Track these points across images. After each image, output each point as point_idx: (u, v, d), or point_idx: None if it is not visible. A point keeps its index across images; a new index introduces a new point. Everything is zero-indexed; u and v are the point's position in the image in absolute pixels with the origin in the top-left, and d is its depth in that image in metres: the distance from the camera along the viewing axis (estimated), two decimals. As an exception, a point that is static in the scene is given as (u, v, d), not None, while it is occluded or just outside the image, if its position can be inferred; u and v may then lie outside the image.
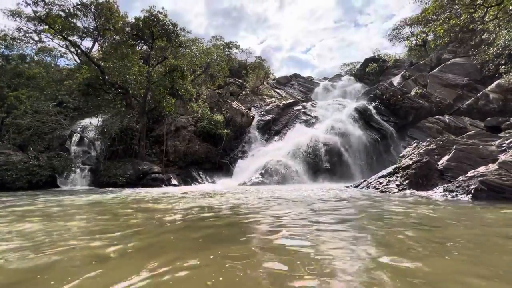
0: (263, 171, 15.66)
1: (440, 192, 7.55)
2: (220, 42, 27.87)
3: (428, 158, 9.14)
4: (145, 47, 21.44)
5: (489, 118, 16.70)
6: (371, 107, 20.27)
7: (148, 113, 18.85)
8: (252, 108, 25.52)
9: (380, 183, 9.75)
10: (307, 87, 37.72)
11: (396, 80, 25.87)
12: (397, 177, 9.43)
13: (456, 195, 7.08)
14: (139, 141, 17.95)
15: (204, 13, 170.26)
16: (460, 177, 7.63)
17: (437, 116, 18.54)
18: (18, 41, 22.06)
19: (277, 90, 35.52)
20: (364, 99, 22.88)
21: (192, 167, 18.52)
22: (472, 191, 6.70)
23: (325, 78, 42.55)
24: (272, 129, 22.98)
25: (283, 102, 26.07)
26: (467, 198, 6.70)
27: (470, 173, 7.41)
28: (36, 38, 20.98)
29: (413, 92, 20.62)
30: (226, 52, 28.02)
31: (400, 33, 33.32)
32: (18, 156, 13.99)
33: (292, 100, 27.17)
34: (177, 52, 21.49)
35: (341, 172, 16.87)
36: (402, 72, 26.84)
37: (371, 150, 18.19)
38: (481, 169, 7.27)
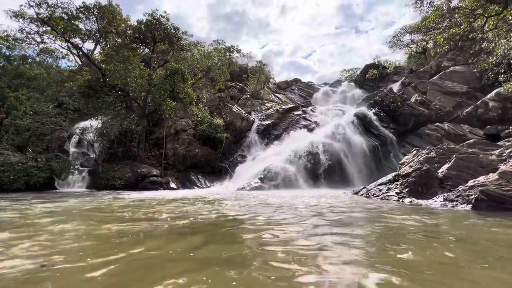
0: (262, 176, 15.61)
1: (440, 201, 7.51)
2: (222, 46, 28.04)
3: (428, 166, 9.11)
4: (146, 50, 21.54)
5: (488, 126, 16.76)
6: (370, 113, 20.29)
7: (148, 116, 18.85)
8: (252, 112, 25.55)
9: (380, 190, 9.70)
10: (307, 92, 37.87)
11: (396, 86, 25.97)
12: (397, 185, 9.38)
13: (456, 204, 7.04)
14: (138, 144, 17.92)
15: (207, 17, 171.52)
16: (460, 186, 7.60)
17: (437, 124, 18.59)
18: (20, 42, 22.19)
19: (277, 94, 35.63)
20: (364, 105, 22.90)
21: (191, 171, 18.47)
22: (473, 201, 6.66)
23: (325, 84, 42.76)
24: (272, 134, 22.97)
25: (283, 106, 26.10)
26: (467, 208, 6.66)
27: (470, 183, 7.37)
28: (38, 39, 21.11)
29: (412, 99, 20.69)
30: (227, 56, 28.17)
31: (400, 40, 33.62)
32: (16, 157, 13.91)
33: (292, 105, 27.22)
34: (179, 56, 21.61)
35: (340, 178, 16.83)
36: (402, 79, 26.97)
37: (371, 157, 18.15)
38: (481, 178, 7.24)
